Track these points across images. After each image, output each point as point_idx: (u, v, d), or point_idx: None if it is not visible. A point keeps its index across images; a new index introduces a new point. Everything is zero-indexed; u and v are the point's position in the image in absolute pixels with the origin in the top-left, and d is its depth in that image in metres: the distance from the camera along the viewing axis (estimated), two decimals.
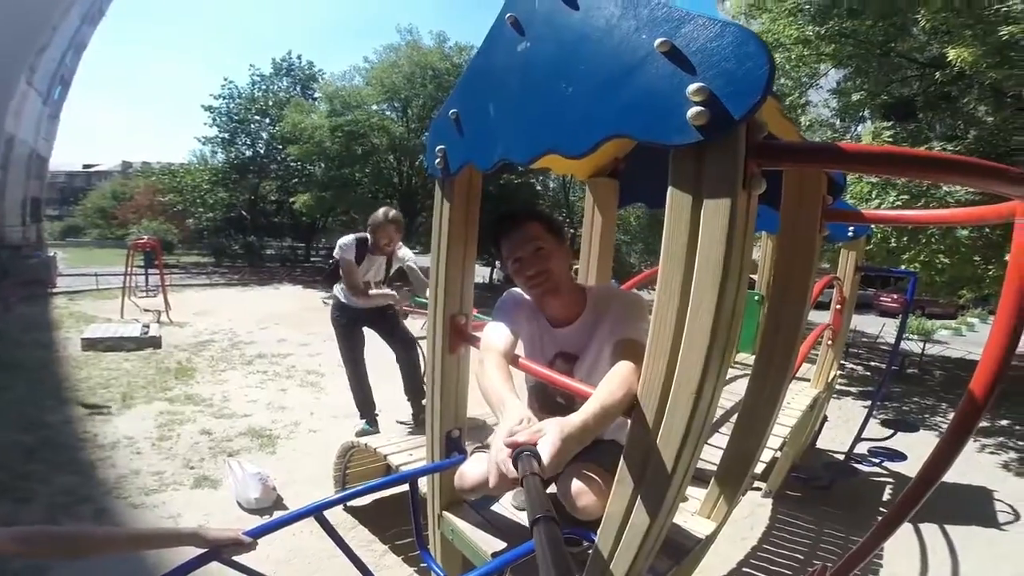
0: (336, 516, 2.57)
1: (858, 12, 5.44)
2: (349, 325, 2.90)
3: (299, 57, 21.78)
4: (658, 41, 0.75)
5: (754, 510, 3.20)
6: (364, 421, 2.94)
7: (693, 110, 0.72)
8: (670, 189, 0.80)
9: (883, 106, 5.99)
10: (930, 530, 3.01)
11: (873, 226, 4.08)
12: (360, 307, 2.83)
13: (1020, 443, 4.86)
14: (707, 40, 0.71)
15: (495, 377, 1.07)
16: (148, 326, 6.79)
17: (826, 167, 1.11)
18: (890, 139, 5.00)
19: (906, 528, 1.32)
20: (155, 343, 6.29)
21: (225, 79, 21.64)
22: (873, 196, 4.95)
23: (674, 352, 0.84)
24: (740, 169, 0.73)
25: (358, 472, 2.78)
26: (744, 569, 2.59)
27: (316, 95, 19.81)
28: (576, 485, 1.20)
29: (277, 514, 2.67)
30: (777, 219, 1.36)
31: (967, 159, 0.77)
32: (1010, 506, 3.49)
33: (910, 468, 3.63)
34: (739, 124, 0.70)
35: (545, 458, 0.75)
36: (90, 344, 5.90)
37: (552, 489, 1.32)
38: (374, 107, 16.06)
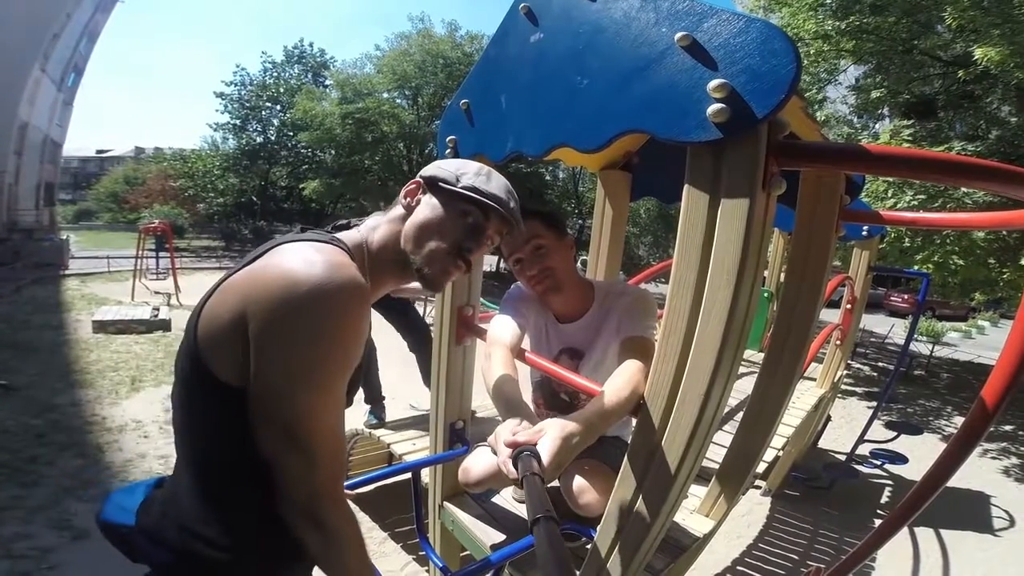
0: None
1: (881, 8, 5.31)
2: None
3: (311, 44, 21.80)
4: (679, 35, 0.73)
5: (752, 508, 3.19)
6: (370, 410, 2.81)
7: (714, 107, 0.70)
8: (686, 187, 0.78)
9: (903, 104, 5.86)
10: (925, 534, 3.00)
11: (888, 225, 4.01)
12: None
13: (1023, 449, 4.81)
14: (730, 35, 0.69)
15: (500, 373, 1.07)
16: (158, 309, 6.86)
17: (849, 169, 1.08)
18: (909, 138, 4.89)
19: (901, 531, 1.32)
20: (165, 326, 6.36)
21: (237, 66, 21.75)
22: (889, 195, 4.87)
23: (684, 353, 0.83)
24: (760, 169, 0.71)
25: (361, 459, 2.81)
26: (739, 568, 2.59)
27: (327, 82, 19.80)
28: (579, 482, 1.20)
29: None
30: (792, 217, 1.33)
31: (991, 164, 0.74)
32: (1007, 512, 3.47)
33: (911, 471, 3.62)
34: (761, 123, 0.68)
35: (545, 458, 0.74)
36: (100, 326, 5.98)
37: (555, 483, 1.32)
38: (385, 95, 16.02)
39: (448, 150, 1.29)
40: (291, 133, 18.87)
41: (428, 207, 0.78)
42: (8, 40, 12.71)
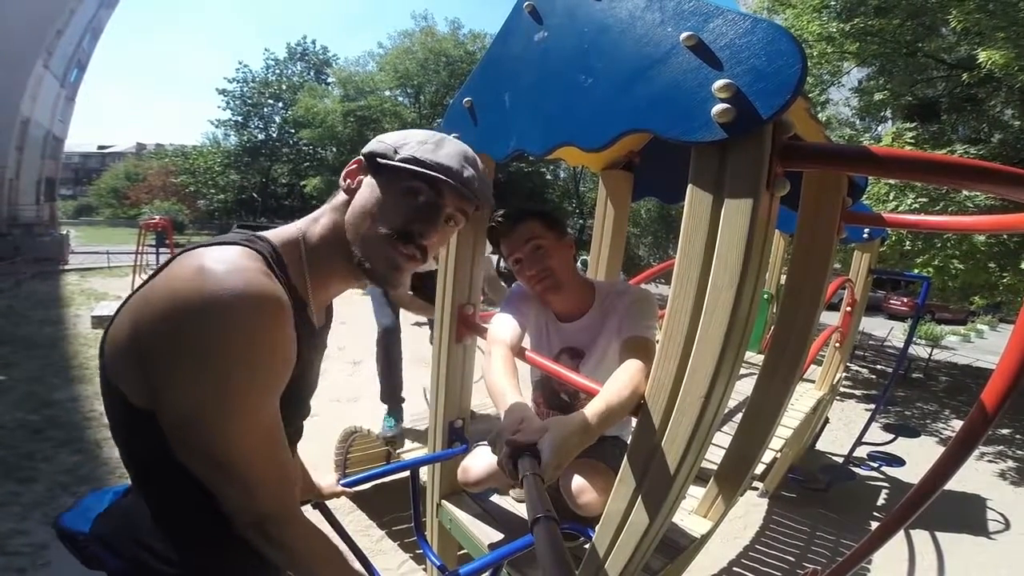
0: (335, 500, 2.57)
1: (886, 10, 5.30)
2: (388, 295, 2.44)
3: (313, 42, 21.80)
4: (684, 35, 0.73)
5: (749, 510, 3.19)
6: (389, 414, 2.53)
7: (718, 107, 0.70)
8: (690, 187, 0.78)
9: (906, 106, 5.86)
10: (921, 536, 3.01)
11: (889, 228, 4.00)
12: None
13: (1019, 452, 4.83)
14: (736, 35, 0.69)
15: (500, 372, 1.07)
16: None
17: (854, 171, 1.08)
18: (912, 140, 4.89)
19: (897, 533, 1.33)
20: None
21: (240, 63, 21.78)
22: (891, 198, 4.87)
23: (685, 354, 0.83)
24: (764, 170, 0.70)
25: (359, 457, 2.80)
26: (735, 569, 2.59)
27: (329, 80, 19.80)
28: (578, 482, 1.20)
29: None
30: (793, 218, 1.33)
31: (995, 166, 0.74)
32: (1002, 515, 3.49)
33: (908, 473, 3.64)
34: (766, 123, 0.68)
35: (545, 458, 0.74)
36: (100, 322, 5.96)
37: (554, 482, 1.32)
38: (387, 93, 16.04)
39: None
40: (293, 130, 18.91)
41: (368, 188, 0.67)
42: (11, 36, 12.71)
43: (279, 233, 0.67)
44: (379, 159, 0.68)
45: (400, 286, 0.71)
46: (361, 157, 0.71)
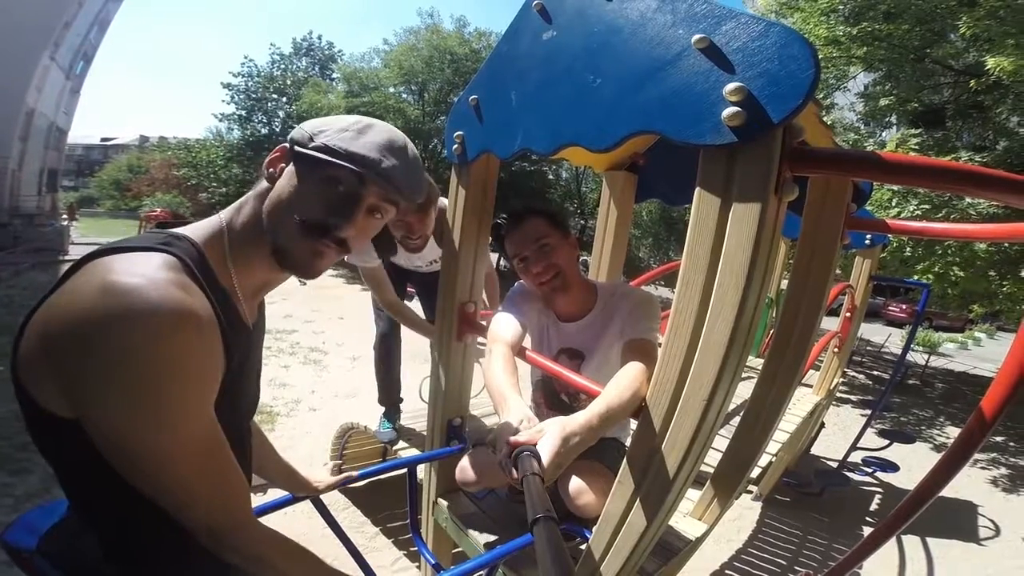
0: (329, 495, 2.54)
1: (895, 15, 5.29)
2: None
3: (319, 37, 21.70)
4: (696, 37, 0.72)
5: (742, 513, 3.20)
6: (384, 414, 2.39)
7: (729, 110, 0.69)
8: (698, 190, 0.78)
9: (912, 112, 5.85)
10: (912, 542, 3.02)
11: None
12: (409, 268, 2.12)
13: (1012, 459, 4.85)
14: (749, 39, 0.69)
15: (499, 371, 1.07)
16: None
17: (866, 177, 1.07)
18: (916, 146, 4.89)
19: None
20: None
21: (245, 57, 21.66)
22: (894, 204, 4.86)
23: (688, 357, 0.83)
24: (773, 174, 0.70)
25: (355, 453, 2.81)
26: (727, 572, 2.60)
27: (334, 76, 19.74)
28: (577, 483, 1.20)
29: (272, 493, 2.67)
30: (796, 223, 1.33)
31: (1011, 176, 0.73)
32: (992, 521, 3.50)
33: (901, 479, 3.66)
34: (777, 127, 0.68)
35: (545, 459, 0.74)
36: None
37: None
38: (391, 89, 16.00)
39: (455, 145, 1.28)
40: (296, 125, 18.89)
41: (288, 177, 0.65)
42: (19, 28, 12.70)
43: (202, 227, 0.65)
44: (296, 146, 0.65)
45: (318, 275, 0.68)
46: (285, 144, 0.68)
